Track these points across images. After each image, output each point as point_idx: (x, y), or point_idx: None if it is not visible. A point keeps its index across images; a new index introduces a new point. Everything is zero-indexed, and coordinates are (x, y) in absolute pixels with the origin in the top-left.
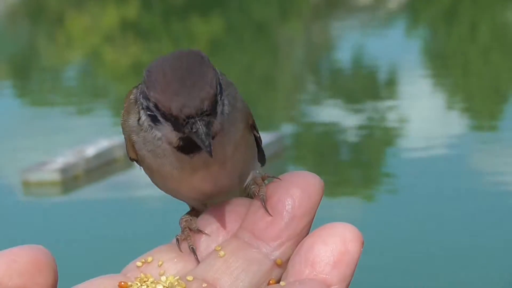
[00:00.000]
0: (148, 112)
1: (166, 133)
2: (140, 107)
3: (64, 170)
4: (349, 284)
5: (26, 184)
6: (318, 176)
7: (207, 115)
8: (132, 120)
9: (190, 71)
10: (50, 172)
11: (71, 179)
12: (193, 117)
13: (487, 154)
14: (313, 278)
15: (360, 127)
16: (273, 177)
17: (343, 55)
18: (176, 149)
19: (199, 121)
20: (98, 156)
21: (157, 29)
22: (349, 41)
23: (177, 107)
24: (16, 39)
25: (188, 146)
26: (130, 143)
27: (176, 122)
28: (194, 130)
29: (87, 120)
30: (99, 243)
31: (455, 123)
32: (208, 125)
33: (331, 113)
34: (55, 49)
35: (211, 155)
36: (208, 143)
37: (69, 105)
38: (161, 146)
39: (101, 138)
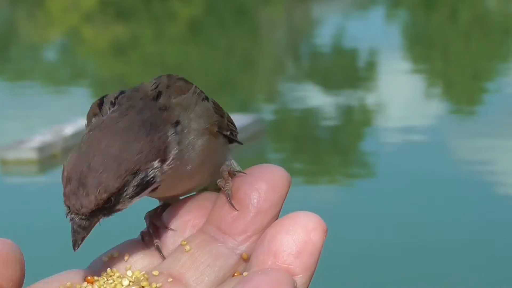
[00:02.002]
0: None
1: None
2: None
3: (42, 149)
4: (313, 273)
5: (4, 162)
6: (284, 169)
7: (83, 219)
8: None
9: (93, 168)
10: (28, 150)
11: (49, 158)
12: (70, 211)
13: (466, 138)
14: (276, 268)
15: (339, 110)
16: (239, 171)
17: (324, 39)
18: None
19: (74, 218)
20: (76, 135)
21: (137, 9)
22: (329, 25)
23: (64, 193)
24: None
25: None
26: None
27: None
28: (69, 221)
29: (65, 99)
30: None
31: (434, 107)
32: (81, 226)
33: (311, 96)
34: (35, 27)
35: (74, 249)
36: (75, 239)
37: (48, 83)
38: None
39: (79, 117)
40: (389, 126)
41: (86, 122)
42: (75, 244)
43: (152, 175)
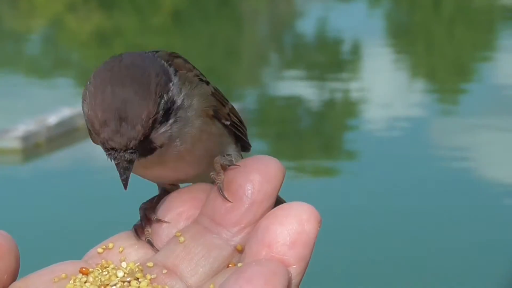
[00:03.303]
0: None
1: None
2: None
3: (25, 138)
4: (307, 263)
5: None
6: (278, 161)
7: (131, 152)
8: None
9: (128, 101)
10: (12, 139)
11: (32, 147)
12: (116, 150)
13: (448, 127)
14: (270, 258)
15: (323, 99)
16: (233, 164)
17: (307, 29)
18: None
19: (121, 156)
20: (60, 124)
21: None
22: (312, 16)
23: (103, 137)
24: None
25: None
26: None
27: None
28: (114, 162)
29: (49, 89)
30: (60, 213)
31: (417, 96)
32: (129, 161)
33: (294, 85)
34: (18, 16)
35: (125, 188)
36: (125, 177)
37: (31, 73)
38: None
39: (63, 106)
40: (372, 114)
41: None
42: (126, 182)
43: (172, 97)
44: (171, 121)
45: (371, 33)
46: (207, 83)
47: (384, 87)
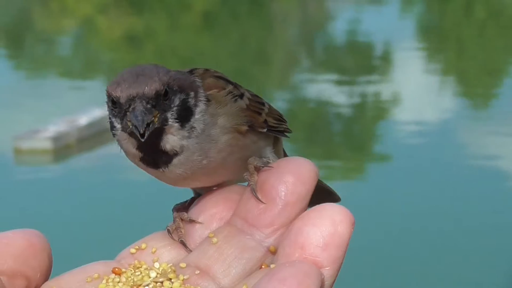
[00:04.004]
0: (108, 120)
1: (118, 137)
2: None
3: (56, 139)
4: (340, 266)
5: (18, 152)
6: (312, 162)
7: (152, 105)
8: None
9: (143, 71)
10: (42, 140)
11: (63, 148)
12: (134, 100)
13: (479, 131)
14: (303, 260)
15: (353, 103)
16: (267, 165)
17: (338, 32)
18: (144, 164)
19: (139, 104)
20: (90, 125)
21: (151, 0)
22: (344, 18)
23: (121, 90)
24: (10, 7)
25: (151, 159)
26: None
27: (121, 110)
28: (131, 109)
29: (79, 89)
30: (90, 214)
31: (448, 100)
32: (148, 110)
33: (325, 88)
34: (49, 17)
35: (142, 138)
36: (141, 122)
37: (62, 73)
38: (135, 161)
39: (93, 107)
40: (403, 118)
41: None
42: (142, 125)
43: (191, 102)
44: (186, 128)
45: (402, 36)
46: (241, 96)
47: (414, 90)
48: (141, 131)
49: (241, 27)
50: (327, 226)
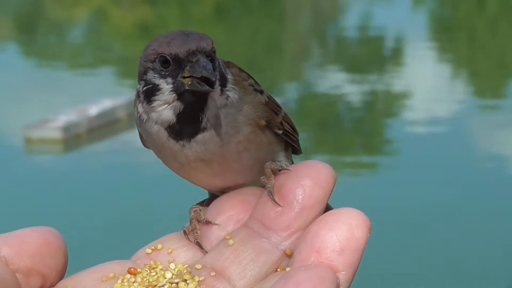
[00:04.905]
0: (145, 88)
1: (163, 98)
2: (137, 96)
3: (66, 129)
4: (356, 270)
5: (28, 141)
6: (329, 166)
7: (211, 59)
8: (136, 115)
9: (190, 32)
10: (53, 130)
11: (73, 138)
12: (195, 54)
13: (490, 127)
14: (319, 264)
15: (364, 96)
16: (285, 168)
17: (350, 23)
18: (168, 133)
19: (202, 57)
20: (100, 115)
21: None
22: (356, 10)
23: (177, 46)
24: None
25: (179, 128)
26: (140, 135)
27: (175, 68)
28: (195, 61)
29: (90, 79)
30: (98, 203)
31: (459, 93)
32: (211, 61)
33: (336, 80)
34: (62, 6)
35: (213, 87)
36: (212, 71)
37: (73, 63)
38: (157, 133)
39: (104, 97)
40: (414, 113)
41: None
42: (213, 73)
43: (225, 71)
44: (223, 95)
45: (414, 29)
46: (261, 92)
47: (426, 84)
48: (213, 79)
49: (253, 19)
50: (344, 231)
